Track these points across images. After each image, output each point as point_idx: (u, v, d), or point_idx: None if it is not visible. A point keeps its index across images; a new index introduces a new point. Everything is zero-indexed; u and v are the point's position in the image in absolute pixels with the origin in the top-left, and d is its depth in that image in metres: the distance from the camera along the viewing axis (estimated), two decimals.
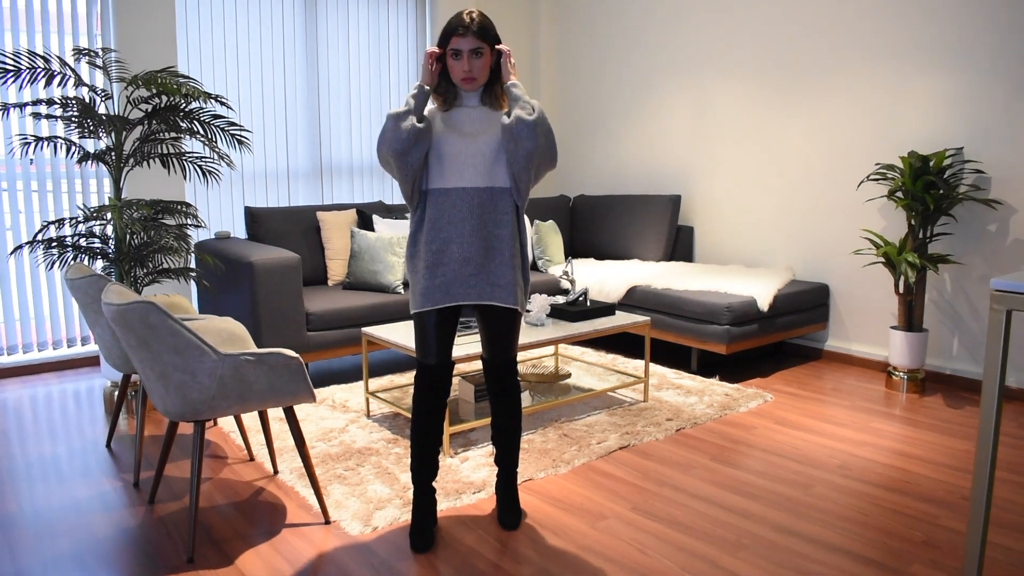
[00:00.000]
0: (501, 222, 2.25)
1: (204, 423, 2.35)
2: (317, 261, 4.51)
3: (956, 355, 3.98)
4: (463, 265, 2.23)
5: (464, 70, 2.20)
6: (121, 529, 2.47)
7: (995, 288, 1.80)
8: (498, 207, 2.25)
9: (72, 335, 4.43)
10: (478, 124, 2.27)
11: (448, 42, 2.20)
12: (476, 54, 2.20)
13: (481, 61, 2.22)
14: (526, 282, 2.37)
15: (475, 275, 2.24)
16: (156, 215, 3.52)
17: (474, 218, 2.22)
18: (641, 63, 5.44)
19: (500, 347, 2.38)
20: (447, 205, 2.24)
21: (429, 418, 2.34)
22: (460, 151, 2.23)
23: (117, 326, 2.21)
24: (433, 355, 2.31)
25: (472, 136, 2.25)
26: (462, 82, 2.23)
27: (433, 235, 2.25)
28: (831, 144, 4.39)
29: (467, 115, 2.28)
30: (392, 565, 2.23)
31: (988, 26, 3.71)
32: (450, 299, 2.25)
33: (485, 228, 2.24)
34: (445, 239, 2.24)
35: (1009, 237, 3.73)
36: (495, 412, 2.46)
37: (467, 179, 2.23)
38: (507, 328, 2.35)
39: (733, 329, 3.95)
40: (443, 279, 2.24)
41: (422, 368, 2.33)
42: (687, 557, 2.27)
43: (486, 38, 2.20)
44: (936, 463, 2.98)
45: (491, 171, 2.24)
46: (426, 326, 2.29)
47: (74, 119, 3.37)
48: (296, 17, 4.92)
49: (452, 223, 2.23)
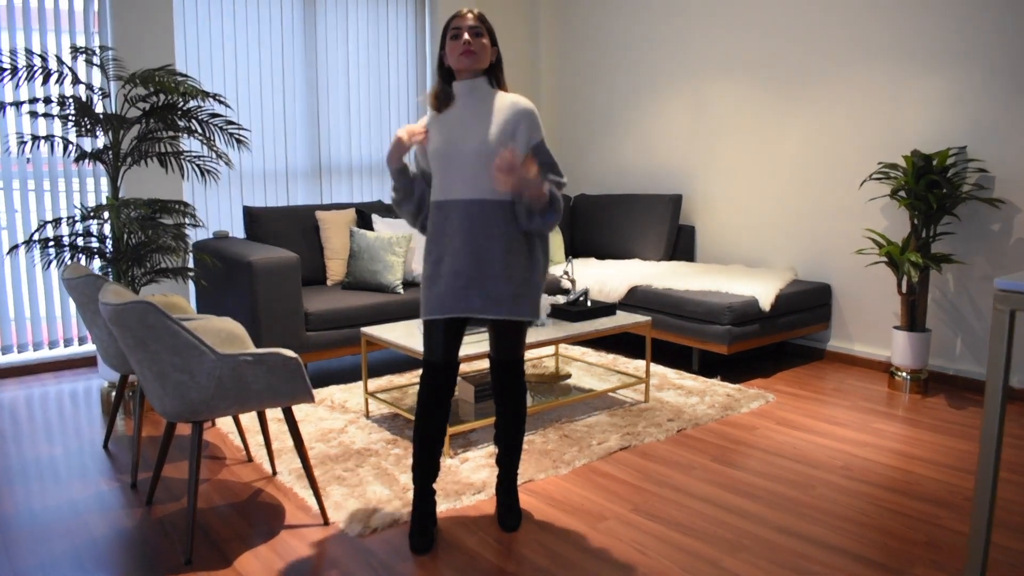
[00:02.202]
0: (492, 236, 2.20)
1: (202, 424, 2.33)
2: (316, 261, 4.50)
3: (959, 355, 3.96)
4: (454, 279, 2.21)
5: (465, 40, 2.17)
6: (118, 530, 2.46)
7: (998, 288, 1.79)
8: (489, 221, 2.20)
9: (69, 335, 4.42)
10: (469, 120, 2.23)
11: (447, 32, 2.23)
12: (475, 31, 2.20)
13: (481, 41, 2.20)
14: (535, 290, 2.30)
15: (466, 288, 2.21)
16: (154, 214, 3.50)
17: (463, 232, 2.20)
18: (642, 62, 5.42)
19: (506, 349, 2.37)
20: (440, 218, 2.25)
21: (432, 416, 2.31)
22: (451, 159, 2.22)
23: (114, 326, 2.19)
24: (438, 355, 2.30)
25: (462, 138, 2.21)
26: (461, 56, 2.18)
27: (430, 247, 2.28)
28: (833, 143, 4.38)
29: (459, 115, 2.25)
30: (391, 566, 2.21)
31: (992, 24, 3.69)
32: (446, 312, 2.23)
33: (475, 242, 2.19)
34: (439, 252, 2.25)
35: (1013, 236, 3.71)
36: (500, 411, 2.44)
37: (457, 191, 2.21)
38: (513, 333, 2.35)
39: (734, 329, 3.94)
40: (438, 290, 2.24)
41: (427, 365, 2.32)
42: (688, 558, 2.25)
43: (486, 24, 2.23)
44: (938, 464, 2.96)
45: (479, 181, 2.19)
46: (433, 330, 2.29)
47: (71, 117, 3.36)
48: (295, 16, 4.91)
49: (445, 235, 2.24)
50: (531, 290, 2.28)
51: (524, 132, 2.23)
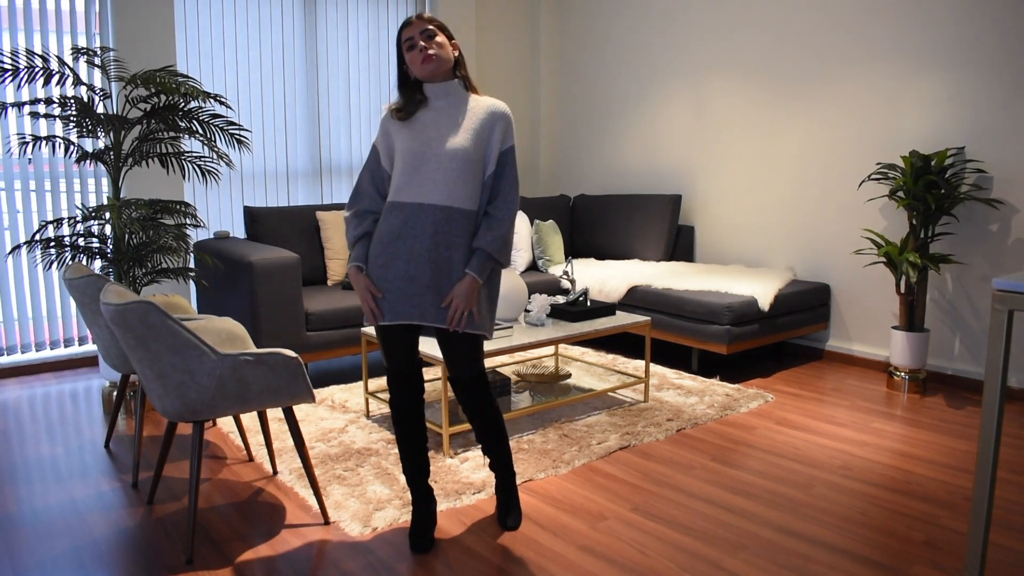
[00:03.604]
0: (453, 245, 2.14)
1: (203, 423, 2.34)
2: (316, 261, 4.50)
3: (957, 355, 3.97)
4: (408, 284, 2.14)
5: (421, 47, 2.13)
6: (120, 529, 2.46)
7: (997, 288, 1.79)
8: (452, 229, 2.14)
9: (70, 335, 4.43)
10: (445, 123, 2.17)
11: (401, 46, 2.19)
12: (427, 35, 2.15)
13: (436, 42, 2.15)
14: (491, 302, 2.26)
15: (420, 295, 2.14)
16: (155, 215, 3.51)
17: (426, 236, 2.12)
18: (642, 62, 5.43)
19: (462, 364, 2.26)
20: (398, 220, 2.15)
21: (409, 420, 2.31)
22: (426, 160, 2.14)
23: (116, 326, 2.20)
24: (396, 361, 2.27)
25: (438, 140, 2.15)
26: (424, 65, 2.14)
27: (380, 249, 2.17)
28: (832, 143, 4.39)
29: (433, 118, 2.19)
30: (392, 565, 2.22)
31: (990, 25, 3.70)
32: (399, 318, 2.17)
33: (436, 249, 2.13)
34: (391, 255, 2.15)
35: (1011, 237, 3.72)
36: (474, 428, 2.38)
37: (426, 194, 2.13)
38: (465, 347, 2.24)
39: (734, 329, 3.94)
40: (389, 296, 2.16)
41: (392, 373, 2.30)
42: (687, 557, 2.26)
43: (435, 23, 2.18)
44: (937, 463, 2.97)
45: (452, 188, 2.13)
46: (385, 335, 2.25)
47: (72, 118, 3.36)
48: (296, 16, 4.91)
49: (402, 238, 2.14)
50: (487, 304, 2.24)
51: (498, 136, 2.20)
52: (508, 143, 2.21)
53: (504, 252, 2.20)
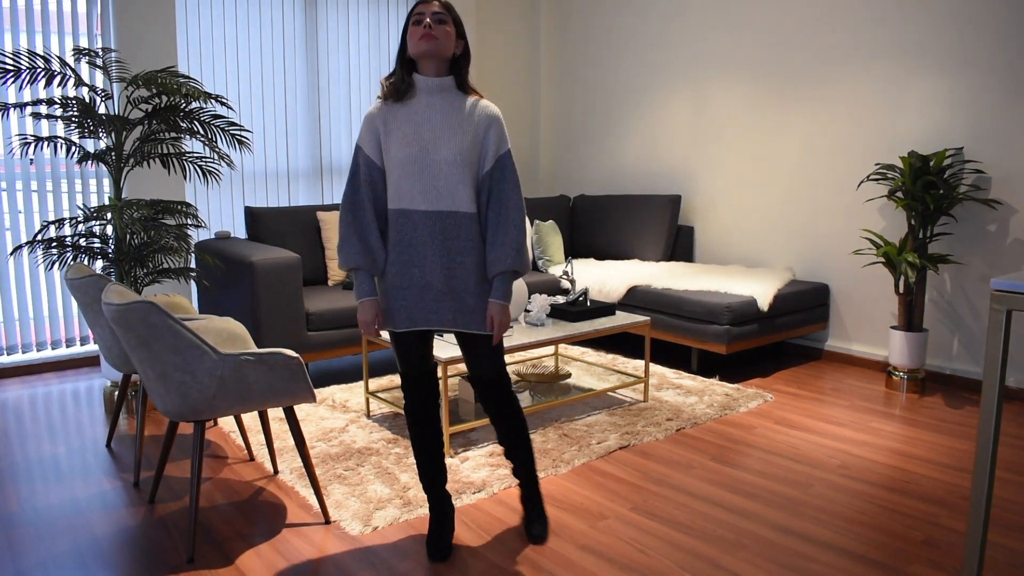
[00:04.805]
0: (464, 249, 2.12)
1: (204, 423, 2.35)
2: (317, 261, 4.51)
3: (956, 355, 3.98)
4: (424, 290, 2.13)
5: (426, 24, 2.05)
6: (121, 529, 2.47)
7: (995, 288, 1.80)
8: (461, 234, 2.12)
9: (72, 335, 4.43)
10: (440, 126, 2.11)
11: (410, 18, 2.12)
12: (438, 18, 2.09)
13: (444, 28, 2.09)
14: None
15: (437, 301, 2.14)
16: (156, 215, 3.52)
17: (436, 243, 2.10)
18: (641, 63, 5.44)
19: (484, 365, 2.24)
20: (408, 227, 2.12)
21: (424, 425, 2.29)
22: (424, 167, 2.09)
23: (117, 326, 2.21)
24: (410, 366, 2.26)
25: (434, 145, 2.09)
26: (420, 41, 2.06)
27: (395, 256, 2.15)
28: (831, 144, 4.39)
29: (426, 118, 2.11)
30: (392, 565, 2.23)
31: (989, 26, 3.71)
32: (413, 324, 2.16)
33: (448, 255, 2.11)
34: (406, 261, 2.13)
35: (1009, 237, 3.73)
36: (497, 431, 2.35)
37: (429, 201, 2.09)
38: (486, 348, 2.21)
39: (733, 329, 3.95)
40: (404, 302, 2.15)
41: (406, 378, 2.29)
42: (687, 557, 2.27)
43: (452, 13, 2.14)
44: (936, 463, 2.98)
45: (453, 192, 2.10)
46: (400, 340, 2.24)
47: (74, 119, 3.37)
48: (296, 17, 4.92)
49: (413, 246, 2.12)
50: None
51: (493, 142, 2.14)
52: (504, 147, 2.16)
53: (523, 261, 2.17)
